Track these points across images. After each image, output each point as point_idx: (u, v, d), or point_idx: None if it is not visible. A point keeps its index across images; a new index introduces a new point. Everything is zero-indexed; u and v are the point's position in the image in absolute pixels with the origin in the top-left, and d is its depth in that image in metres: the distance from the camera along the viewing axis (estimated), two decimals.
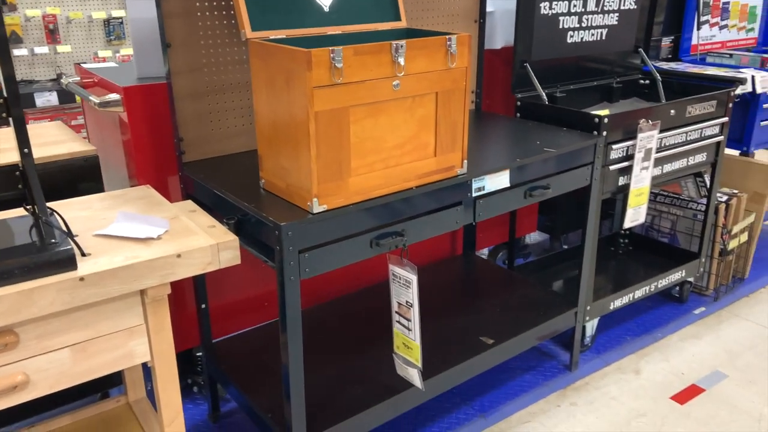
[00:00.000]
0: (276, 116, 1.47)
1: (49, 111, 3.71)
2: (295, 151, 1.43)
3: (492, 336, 2.05)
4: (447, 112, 1.60)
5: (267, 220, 1.41)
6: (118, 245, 1.34)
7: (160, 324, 1.37)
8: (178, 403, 1.46)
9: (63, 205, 1.56)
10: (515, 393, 2.19)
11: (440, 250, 2.63)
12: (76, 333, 1.27)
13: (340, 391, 1.80)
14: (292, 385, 1.52)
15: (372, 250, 1.55)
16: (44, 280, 1.18)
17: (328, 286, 2.33)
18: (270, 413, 1.70)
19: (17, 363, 1.21)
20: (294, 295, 1.44)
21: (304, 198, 1.44)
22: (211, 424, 2.07)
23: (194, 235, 1.40)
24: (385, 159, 1.52)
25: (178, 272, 1.33)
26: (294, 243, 1.40)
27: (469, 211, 1.74)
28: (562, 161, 1.94)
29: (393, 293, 1.65)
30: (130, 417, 1.75)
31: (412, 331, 1.63)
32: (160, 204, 1.58)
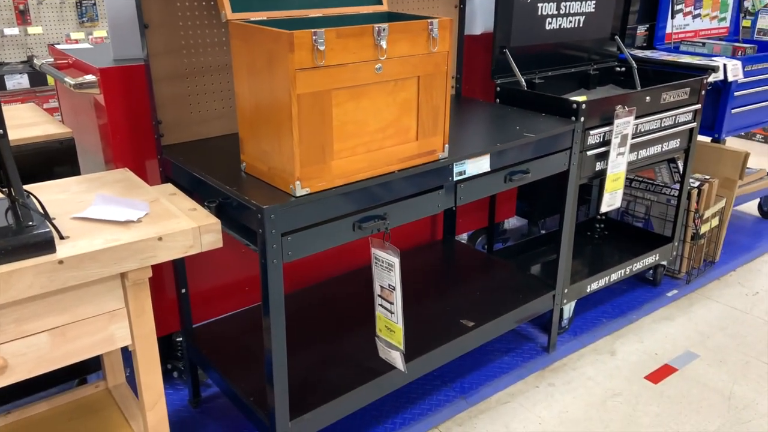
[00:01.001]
0: (257, 99, 1.45)
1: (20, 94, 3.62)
2: (278, 134, 1.42)
3: (472, 319, 2.07)
4: (429, 97, 1.60)
5: (249, 203, 1.40)
6: (98, 228, 1.32)
7: (141, 307, 1.36)
8: (160, 386, 1.45)
9: (39, 188, 1.53)
10: (495, 374, 2.23)
11: (421, 234, 2.65)
12: (55, 317, 1.26)
13: (323, 374, 1.81)
14: (275, 369, 1.52)
15: (355, 233, 1.55)
16: (22, 263, 1.16)
17: (310, 270, 2.33)
18: (252, 397, 1.70)
19: None
20: (277, 279, 1.44)
21: (286, 181, 1.44)
22: (192, 410, 2.06)
23: (175, 218, 1.39)
24: (367, 143, 1.52)
25: (160, 255, 1.32)
26: (277, 226, 1.40)
27: (450, 195, 1.75)
28: (541, 146, 1.96)
29: (375, 277, 1.66)
30: (109, 402, 1.73)
31: (395, 314, 1.64)
32: (139, 187, 1.57)
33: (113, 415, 1.68)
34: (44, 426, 1.63)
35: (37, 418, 1.66)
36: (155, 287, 2.00)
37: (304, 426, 1.64)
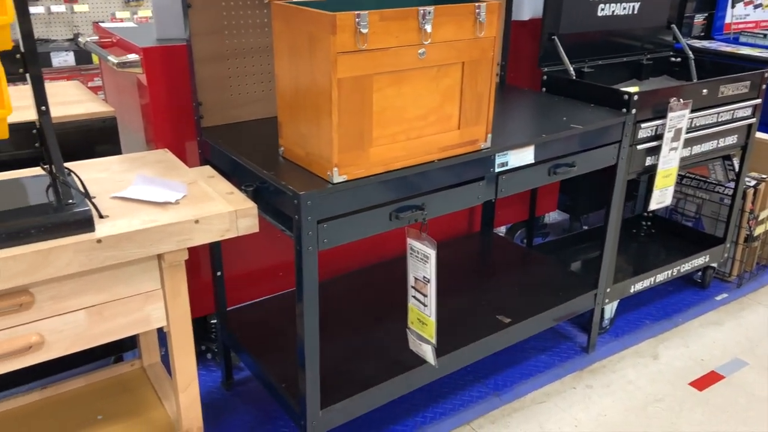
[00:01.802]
0: (297, 82, 1.43)
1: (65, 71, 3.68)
2: (317, 118, 1.39)
3: (509, 315, 2.02)
4: (473, 84, 1.55)
5: (286, 188, 1.38)
6: (136, 208, 1.32)
7: (176, 289, 1.36)
8: (193, 369, 1.45)
9: (81, 166, 1.54)
10: (530, 373, 2.17)
11: (458, 226, 2.60)
12: (92, 295, 1.26)
13: (355, 364, 1.79)
14: (307, 356, 1.50)
15: (391, 223, 1.52)
16: (61, 241, 1.17)
17: (344, 258, 2.31)
18: (283, 383, 1.69)
19: (32, 324, 1.21)
20: (311, 266, 1.42)
21: (324, 167, 1.41)
22: (224, 392, 2.07)
23: (212, 201, 1.38)
24: (407, 130, 1.48)
25: (196, 238, 1.31)
26: (313, 213, 1.37)
27: (491, 186, 1.70)
28: (588, 139, 1.88)
29: (410, 268, 1.63)
30: (144, 381, 1.75)
31: (428, 306, 1.61)
32: (178, 168, 1.56)
33: (147, 394, 1.70)
34: (80, 402, 1.66)
35: (73, 394, 1.68)
36: (191, 269, 2.01)
37: (335, 415, 1.62)
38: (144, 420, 1.59)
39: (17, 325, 1.19)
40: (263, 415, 1.97)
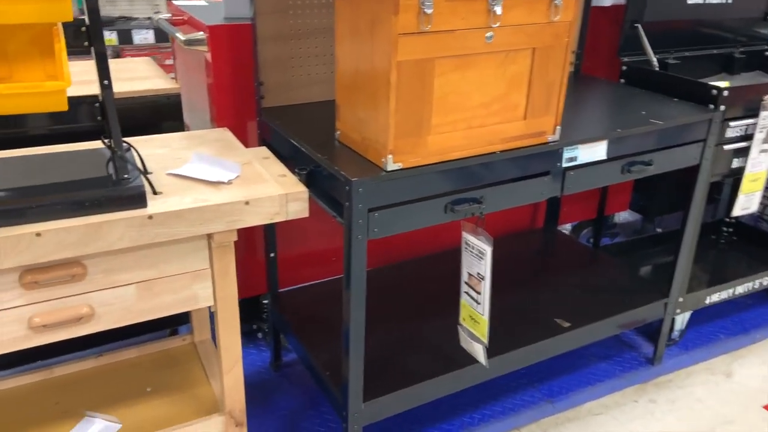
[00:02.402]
0: (357, 64, 1.37)
1: (145, 49, 3.78)
2: (374, 103, 1.34)
3: (569, 319, 1.91)
4: (543, 72, 1.45)
5: (338, 174, 1.34)
6: (189, 186, 1.32)
7: (224, 270, 1.35)
8: (238, 351, 1.45)
9: (141, 142, 1.56)
10: (588, 381, 2.06)
11: (519, 221, 2.49)
12: (142, 271, 1.27)
13: (401, 357, 1.74)
14: (351, 346, 1.47)
15: (446, 215, 1.45)
16: (114, 215, 1.17)
17: (396, 248, 2.26)
18: (328, 371, 1.67)
19: (83, 295, 1.22)
20: (360, 255, 1.38)
21: (378, 154, 1.36)
22: (272, 372, 2.08)
23: (264, 182, 1.36)
24: (469, 118, 1.40)
25: (245, 219, 1.29)
26: (364, 201, 1.32)
27: (557, 182, 1.60)
28: (669, 135, 1.74)
29: (464, 263, 1.56)
30: (193, 357, 1.77)
31: (481, 304, 1.53)
32: (235, 148, 1.55)
33: (195, 370, 1.71)
34: (131, 371, 1.69)
35: (126, 363, 1.72)
36: (247, 248, 2.01)
37: (378, 409, 1.58)
38: (190, 396, 1.61)
39: (69, 296, 1.21)
40: (308, 399, 1.96)
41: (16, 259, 1.10)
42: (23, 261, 1.10)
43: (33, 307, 1.18)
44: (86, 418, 1.52)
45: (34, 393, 1.60)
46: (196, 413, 1.55)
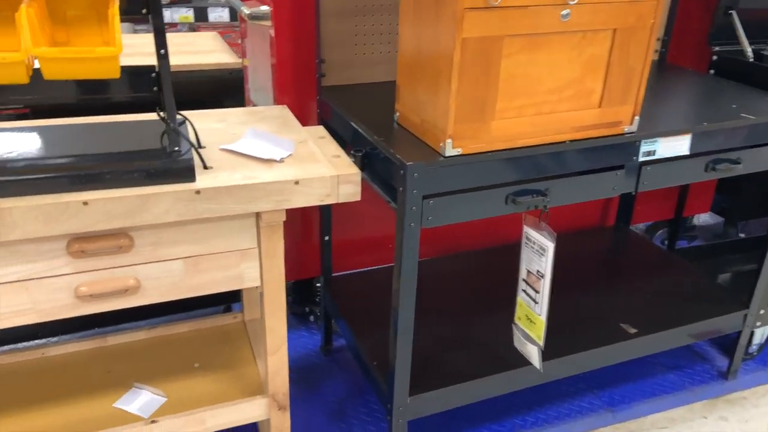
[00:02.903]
0: (420, 42, 1.30)
1: (219, 27, 3.82)
2: (435, 83, 1.26)
3: (636, 324, 1.78)
4: (623, 56, 1.32)
5: (393, 157, 1.27)
6: (241, 163, 1.28)
7: (272, 250, 1.31)
8: (284, 333, 1.42)
9: (199, 116, 1.54)
10: (653, 392, 1.92)
11: (588, 217, 2.35)
12: (189, 246, 1.25)
13: (452, 353, 1.67)
14: (399, 338, 1.41)
15: (507, 207, 1.36)
16: (162, 188, 1.15)
17: (451, 239, 2.17)
18: (375, 361, 1.62)
19: (130, 267, 1.22)
20: (413, 243, 1.31)
21: (437, 138, 1.28)
22: (322, 356, 2.05)
23: (317, 163, 1.31)
24: (537, 104, 1.30)
25: (294, 200, 1.25)
26: (419, 186, 1.25)
27: (631, 177, 1.47)
28: (762, 132, 1.57)
29: (523, 259, 1.46)
30: (243, 336, 1.76)
31: (539, 304, 1.43)
32: (292, 126, 1.51)
33: (243, 349, 1.70)
34: (181, 346, 1.70)
35: (177, 337, 1.73)
36: (303, 229, 1.98)
37: (424, 405, 1.52)
38: (236, 375, 1.60)
39: (116, 267, 1.21)
40: (355, 387, 1.92)
41: (63, 226, 1.09)
42: (70, 229, 1.10)
43: (80, 276, 1.18)
44: (134, 388, 1.54)
45: (89, 360, 1.64)
46: (240, 393, 1.54)
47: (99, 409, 1.47)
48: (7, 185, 1.07)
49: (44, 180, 1.09)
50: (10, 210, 1.05)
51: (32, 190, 1.09)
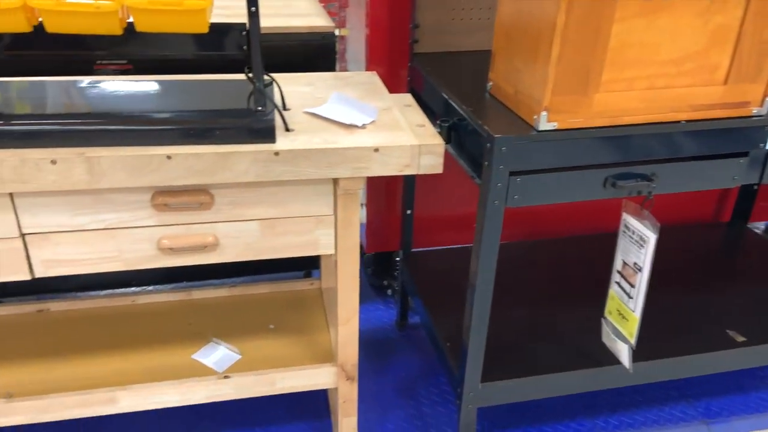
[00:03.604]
0: (520, 5, 1.19)
1: None
2: (534, 50, 1.15)
3: (744, 332, 1.59)
4: (758, 27, 1.15)
5: (481, 128, 1.18)
6: (322, 127, 1.25)
7: (348, 218, 1.28)
8: (356, 304, 1.39)
9: (287, 78, 1.52)
10: (757, 408, 1.72)
11: (698, 210, 2.13)
12: (266, 208, 1.24)
13: (530, 342, 1.57)
14: (474, 321, 1.33)
15: (605, 191, 1.23)
16: (242, 147, 1.14)
17: (539, 221, 2.05)
18: (448, 342, 1.56)
19: (209, 224, 1.22)
20: (495, 223, 1.22)
21: (531, 110, 1.17)
22: (396, 331, 2.02)
23: (399, 131, 1.24)
24: (651, 77, 1.16)
25: (372, 168, 1.19)
26: (506, 162, 1.16)
27: (755, 167, 1.29)
28: None
29: (620, 249, 1.33)
30: (318, 302, 1.76)
31: (634, 299, 1.31)
32: (378, 92, 1.45)
33: (317, 316, 1.70)
34: (259, 306, 1.72)
35: (257, 298, 1.76)
36: (386, 202, 1.94)
37: (496, 393, 1.44)
38: (308, 341, 1.59)
39: (196, 223, 1.22)
40: (427, 366, 1.87)
41: (147, 179, 1.11)
42: (154, 182, 1.11)
43: (162, 229, 1.20)
44: (211, 342, 1.57)
45: (173, 311, 1.69)
46: (311, 359, 1.53)
47: (177, 359, 1.52)
48: (98, 134, 1.09)
49: (131, 132, 1.10)
50: (99, 159, 1.08)
51: (120, 141, 1.11)
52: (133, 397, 1.39)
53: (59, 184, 1.08)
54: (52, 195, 1.12)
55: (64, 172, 1.07)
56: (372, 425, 1.66)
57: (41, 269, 1.19)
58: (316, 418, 1.67)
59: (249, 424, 1.64)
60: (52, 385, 1.41)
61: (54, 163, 1.06)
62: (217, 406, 1.70)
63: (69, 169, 1.07)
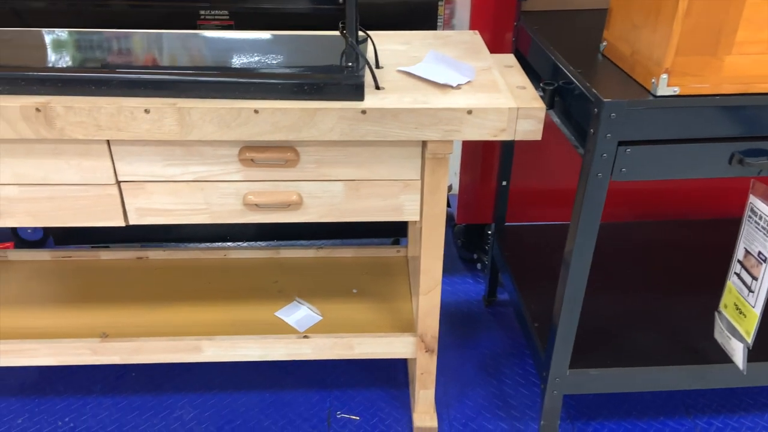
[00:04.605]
0: None
1: None
2: (657, 3, 1.01)
3: None
4: None
5: (589, 91, 1.07)
6: (414, 86, 1.18)
7: (436, 185, 1.21)
8: (439, 274, 1.33)
9: (383, 36, 1.46)
10: None
11: None
12: (351, 169, 1.20)
13: (628, 331, 1.44)
14: (566, 303, 1.24)
15: (731, 168, 1.08)
16: (328, 104, 1.10)
17: (647, 200, 1.87)
18: (536, 322, 1.47)
19: (294, 182, 1.20)
20: (597, 198, 1.11)
21: (649, 72, 1.04)
22: (482, 307, 1.95)
23: (496, 92, 1.15)
24: None
25: (465, 131, 1.12)
26: (615, 130, 1.04)
27: None
28: None
29: (743, 236, 1.17)
30: (403, 270, 1.72)
31: (755, 294, 1.15)
32: (478, 52, 1.36)
33: (401, 284, 1.66)
34: (344, 270, 1.71)
35: (342, 261, 1.74)
36: (481, 171, 1.85)
37: (585, 381, 1.34)
38: (390, 309, 1.56)
39: (281, 180, 1.20)
40: (513, 345, 1.79)
41: (235, 132, 1.10)
42: (241, 136, 1.10)
43: (248, 184, 1.20)
44: (295, 302, 1.58)
45: (260, 268, 1.72)
46: (391, 327, 1.50)
47: (262, 315, 1.54)
48: (189, 85, 1.10)
49: (220, 84, 1.10)
50: (189, 110, 1.08)
51: (210, 93, 1.10)
52: (217, 348, 1.42)
53: (152, 133, 1.09)
54: (145, 144, 1.14)
55: (157, 121, 1.08)
56: (450, 400, 1.62)
57: (135, 217, 1.22)
58: (393, 387, 1.65)
59: (326, 386, 1.65)
60: (143, 329, 1.47)
61: (147, 112, 1.07)
62: (295, 364, 1.72)
63: (161, 118, 1.08)
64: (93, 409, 1.56)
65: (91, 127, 1.08)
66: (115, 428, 1.51)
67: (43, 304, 1.54)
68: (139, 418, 1.54)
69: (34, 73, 1.07)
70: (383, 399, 1.61)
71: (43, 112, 1.06)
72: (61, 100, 1.07)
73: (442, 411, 1.58)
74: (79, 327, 1.47)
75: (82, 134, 1.08)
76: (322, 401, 1.60)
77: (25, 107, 1.05)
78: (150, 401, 1.59)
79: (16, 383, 1.62)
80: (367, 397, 1.61)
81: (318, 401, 1.60)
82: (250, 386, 1.64)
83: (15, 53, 1.18)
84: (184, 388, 1.63)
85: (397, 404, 1.60)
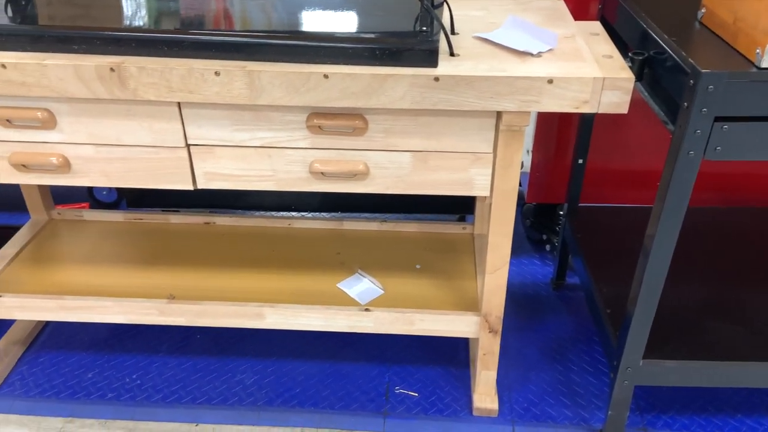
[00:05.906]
0: None
1: None
2: None
3: None
4: None
5: (685, 61, 0.98)
6: (491, 53, 1.12)
7: (509, 159, 1.15)
8: (507, 253, 1.28)
9: (460, 1, 1.40)
10: None
11: None
12: (420, 140, 1.16)
13: (710, 322, 1.35)
14: (643, 290, 1.16)
15: None
16: (400, 70, 1.06)
17: (741, 184, 1.73)
18: (609, 309, 1.39)
19: (361, 152, 1.17)
20: (686, 178, 1.02)
21: (753, 42, 0.94)
22: (550, 290, 1.87)
23: (580, 62, 1.08)
24: None
25: (544, 102, 1.05)
26: (712, 104, 0.95)
27: None
28: None
29: None
30: (468, 248, 1.67)
31: None
32: (561, 19, 1.28)
33: (466, 262, 1.61)
34: (408, 245, 1.68)
35: (406, 236, 1.71)
36: (556, 147, 1.77)
37: (659, 373, 1.27)
38: (453, 286, 1.52)
39: (348, 149, 1.17)
40: (581, 331, 1.71)
41: (304, 98, 1.08)
42: (310, 101, 1.08)
43: (315, 152, 1.18)
44: (357, 274, 1.57)
45: (324, 238, 1.71)
46: (453, 305, 1.46)
47: (323, 285, 1.53)
48: (259, 48, 1.08)
49: (290, 47, 1.07)
50: (258, 73, 1.06)
51: (279, 57, 1.08)
52: (279, 315, 1.43)
53: (222, 96, 1.08)
54: (215, 108, 1.14)
55: (227, 84, 1.07)
56: (512, 383, 1.57)
57: (203, 181, 1.23)
58: (453, 366, 1.61)
59: (385, 360, 1.63)
60: (208, 292, 1.49)
61: (217, 74, 1.06)
62: (354, 337, 1.71)
63: (230, 81, 1.07)
64: (159, 368, 1.60)
65: (162, 89, 1.08)
66: (179, 388, 1.55)
67: (115, 263, 1.59)
68: (202, 380, 1.57)
69: (109, 32, 1.08)
70: (443, 377, 1.58)
71: (117, 72, 1.06)
72: (134, 61, 1.07)
73: (503, 393, 1.54)
74: (148, 288, 1.51)
75: (154, 95, 1.08)
76: (381, 375, 1.59)
77: (101, 66, 1.06)
78: (213, 363, 1.62)
79: (88, 339, 1.69)
80: (427, 374, 1.59)
81: (377, 375, 1.59)
82: (310, 356, 1.65)
83: (89, 13, 1.19)
84: (246, 353, 1.65)
85: (456, 384, 1.56)
